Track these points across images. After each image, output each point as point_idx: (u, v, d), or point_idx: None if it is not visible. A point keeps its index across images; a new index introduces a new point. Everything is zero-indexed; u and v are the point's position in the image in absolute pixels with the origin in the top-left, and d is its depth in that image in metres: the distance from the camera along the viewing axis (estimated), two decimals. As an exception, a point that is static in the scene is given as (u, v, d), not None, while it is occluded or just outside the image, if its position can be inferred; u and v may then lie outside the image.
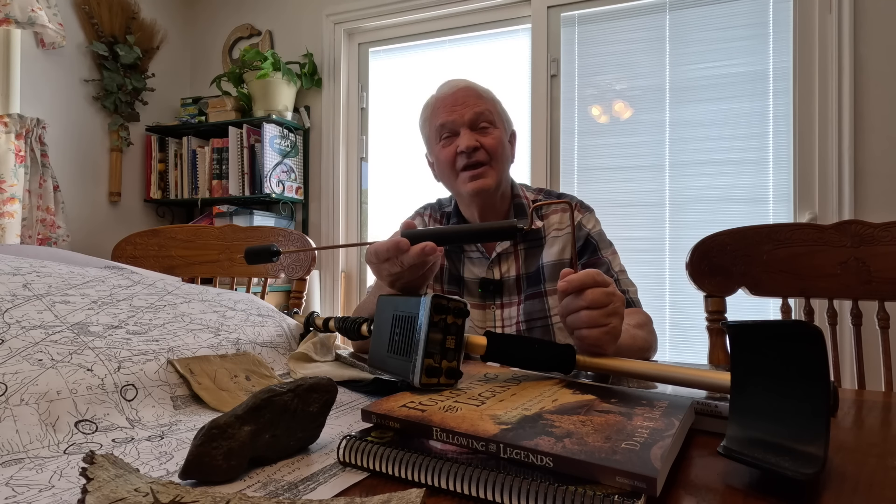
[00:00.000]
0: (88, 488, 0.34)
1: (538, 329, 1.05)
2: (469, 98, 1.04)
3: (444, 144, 1.06)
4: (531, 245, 1.09)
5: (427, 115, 1.11)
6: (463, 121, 1.03)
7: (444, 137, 1.06)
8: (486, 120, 1.04)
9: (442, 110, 1.05)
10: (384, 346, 0.59)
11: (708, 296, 1.07)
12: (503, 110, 1.11)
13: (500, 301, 1.08)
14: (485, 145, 1.03)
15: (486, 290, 1.08)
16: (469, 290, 1.10)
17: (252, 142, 2.62)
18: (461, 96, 1.05)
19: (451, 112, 1.04)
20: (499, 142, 1.04)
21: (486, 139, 1.03)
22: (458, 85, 1.07)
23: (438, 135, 1.07)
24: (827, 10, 1.99)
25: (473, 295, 1.10)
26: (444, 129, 1.05)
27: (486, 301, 1.09)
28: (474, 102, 1.04)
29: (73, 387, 0.51)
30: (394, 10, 2.62)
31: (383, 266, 0.68)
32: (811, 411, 0.39)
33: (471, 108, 1.03)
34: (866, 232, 1.00)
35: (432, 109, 1.09)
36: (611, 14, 2.32)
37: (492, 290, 1.08)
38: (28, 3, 2.20)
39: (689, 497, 0.38)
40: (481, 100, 1.05)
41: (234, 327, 0.75)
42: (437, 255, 0.65)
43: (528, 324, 1.06)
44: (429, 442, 0.43)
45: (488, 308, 1.09)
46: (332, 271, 2.76)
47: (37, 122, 2.33)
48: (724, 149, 2.14)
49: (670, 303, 2.18)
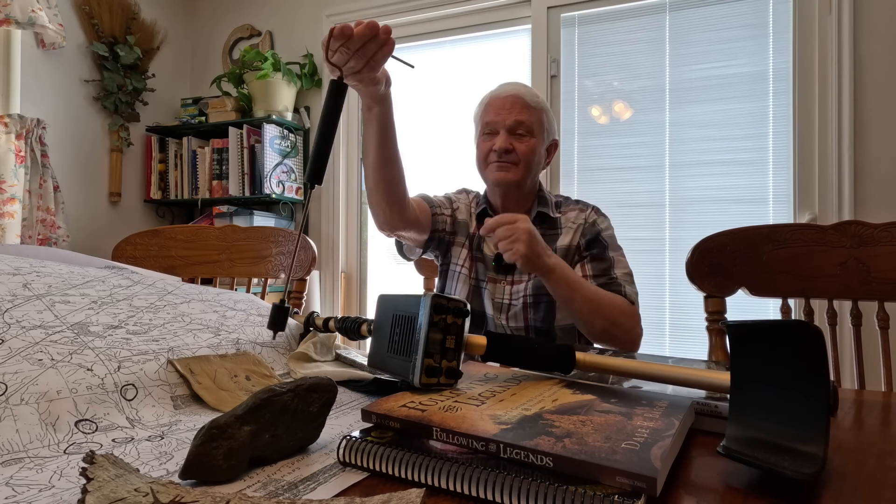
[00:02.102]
0: (88, 488, 0.34)
1: (543, 304, 1.14)
2: (516, 105, 1.16)
3: (484, 139, 1.20)
4: (547, 232, 1.19)
5: (480, 109, 1.23)
6: (504, 124, 1.16)
7: (486, 133, 1.19)
8: (525, 128, 1.16)
9: (491, 109, 1.18)
10: (384, 346, 0.59)
11: (708, 296, 1.07)
12: (549, 120, 1.21)
13: (512, 277, 1.19)
14: (517, 149, 1.15)
15: (500, 265, 1.18)
16: (486, 264, 1.22)
17: (252, 142, 2.63)
18: (510, 102, 1.17)
19: (497, 114, 1.17)
20: (531, 149, 1.16)
21: (520, 145, 1.16)
22: (511, 91, 1.19)
23: (482, 130, 1.20)
24: (827, 11, 1.99)
25: (489, 268, 1.21)
26: (488, 127, 1.18)
27: (499, 275, 1.20)
28: (519, 111, 1.16)
29: (73, 386, 0.51)
30: (394, 11, 2.62)
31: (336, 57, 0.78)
32: (811, 411, 0.39)
33: (514, 115, 1.15)
34: (866, 232, 1.00)
35: (485, 106, 1.21)
36: (611, 15, 2.32)
37: (504, 265, 1.17)
38: (28, 4, 2.20)
39: (689, 497, 0.38)
40: (526, 110, 1.17)
41: (234, 327, 0.75)
42: (384, 36, 0.77)
43: (534, 297, 1.15)
44: (429, 442, 0.43)
45: (499, 282, 1.19)
46: (332, 271, 2.76)
47: (37, 122, 2.33)
48: (724, 149, 2.14)
49: (670, 303, 2.18)
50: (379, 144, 0.98)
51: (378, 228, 1.15)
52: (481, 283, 1.21)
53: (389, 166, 1.02)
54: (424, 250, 1.27)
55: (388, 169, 1.02)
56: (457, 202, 1.29)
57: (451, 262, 1.25)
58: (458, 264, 1.23)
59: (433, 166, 2.60)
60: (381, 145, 0.98)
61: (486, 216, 1.22)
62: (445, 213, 1.25)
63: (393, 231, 1.15)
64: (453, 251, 1.25)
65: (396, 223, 1.11)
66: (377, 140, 0.98)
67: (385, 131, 0.97)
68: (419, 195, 1.25)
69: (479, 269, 1.22)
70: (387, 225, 1.12)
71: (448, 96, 2.62)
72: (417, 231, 1.19)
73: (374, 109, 0.94)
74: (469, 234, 1.24)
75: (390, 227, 1.13)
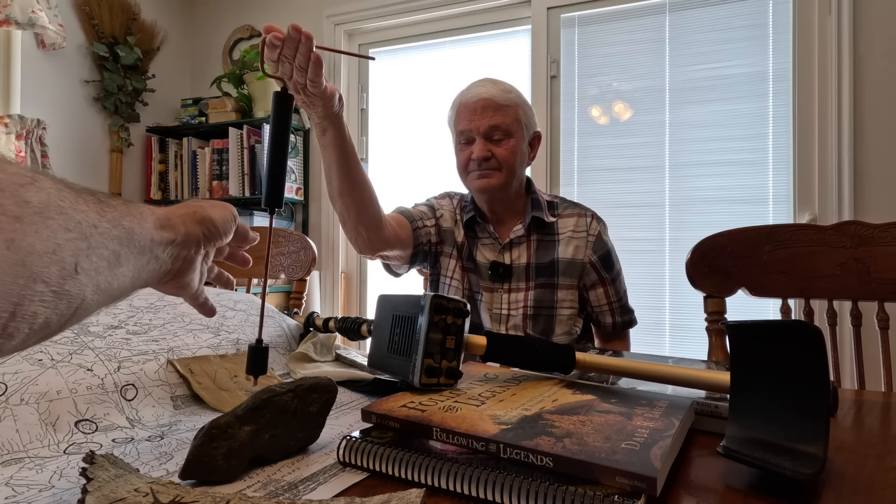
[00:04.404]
0: (88, 488, 0.34)
1: (543, 317, 1.13)
2: (488, 109, 1.11)
3: (461, 148, 1.16)
4: (544, 238, 1.17)
5: (451, 115, 1.19)
6: (479, 131, 1.11)
7: (462, 142, 1.15)
8: (501, 132, 1.11)
9: (463, 117, 1.14)
10: (384, 346, 0.59)
11: (708, 296, 1.07)
12: (526, 114, 1.16)
13: (509, 286, 1.16)
14: (496, 155, 1.11)
15: (496, 273, 1.15)
16: (480, 272, 1.18)
17: (252, 143, 2.63)
18: (481, 106, 1.11)
19: (470, 121, 1.12)
20: (511, 151, 1.12)
21: (499, 149, 1.11)
22: (480, 94, 1.12)
23: (458, 138, 1.16)
24: (826, 12, 1.99)
25: (484, 277, 1.17)
26: (463, 136, 1.14)
27: (495, 283, 1.16)
28: (492, 115, 1.11)
29: (73, 387, 0.51)
30: (394, 12, 2.62)
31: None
32: (811, 411, 0.39)
33: (487, 121, 1.10)
34: (866, 233, 1.00)
35: (456, 112, 1.17)
36: (611, 15, 2.32)
37: (501, 273, 1.14)
38: (29, 5, 2.20)
39: (689, 497, 0.38)
40: (499, 112, 1.11)
41: (234, 327, 0.75)
42: (296, 34, 0.69)
43: (535, 310, 1.13)
44: (429, 442, 0.43)
45: (496, 291, 1.16)
46: (332, 272, 2.76)
47: (37, 122, 2.33)
48: (723, 150, 2.14)
49: (670, 303, 2.17)
50: (340, 169, 0.91)
51: (358, 252, 1.08)
52: (476, 294, 1.17)
53: (358, 190, 0.95)
54: (411, 265, 1.22)
55: (357, 193, 0.95)
56: (440, 209, 1.22)
57: (440, 273, 1.21)
58: (448, 276, 1.19)
59: (433, 167, 2.60)
60: (343, 170, 0.91)
61: (475, 224, 1.19)
62: (428, 224, 1.19)
63: (374, 253, 1.09)
64: (442, 262, 1.20)
65: (376, 244, 1.05)
66: (338, 165, 0.91)
67: (344, 155, 0.90)
68: (396, 210, 1.19)
69: (471, 280, 1.17)
70: (366, 248, 1.05)
71: (448, 97, 2.61)
72: (400, 248, 1.13)
73: (329, 133, 0.86)
74: (456, 243, 1.19)
75: (370, 250, 1.06)
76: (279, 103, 0.56)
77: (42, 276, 0.27)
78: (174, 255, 0.41)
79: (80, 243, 0.30)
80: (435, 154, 2.60)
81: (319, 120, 0.84)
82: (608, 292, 1.17)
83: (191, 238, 0.43)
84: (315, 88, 0.76)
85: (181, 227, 0.41)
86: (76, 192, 0.31)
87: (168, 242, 0.40)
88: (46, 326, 0.29)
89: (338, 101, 0.82)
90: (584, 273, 1.15)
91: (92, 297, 0.31)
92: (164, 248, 0.39)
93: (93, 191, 0.33)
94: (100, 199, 0.33)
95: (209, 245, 0.46)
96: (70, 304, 0.29)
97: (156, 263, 0.39)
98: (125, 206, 0.36)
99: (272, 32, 0.69)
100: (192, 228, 0.43)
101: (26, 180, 0.27)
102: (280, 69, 0.72)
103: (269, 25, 0.69)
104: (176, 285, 0.46)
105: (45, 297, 0.27)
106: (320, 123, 0.85)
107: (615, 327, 1.19)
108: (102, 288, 0.32)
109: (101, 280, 0.32)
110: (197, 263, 0.46)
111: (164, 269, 0.41)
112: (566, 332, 1.14)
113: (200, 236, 0.44)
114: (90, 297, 0.31)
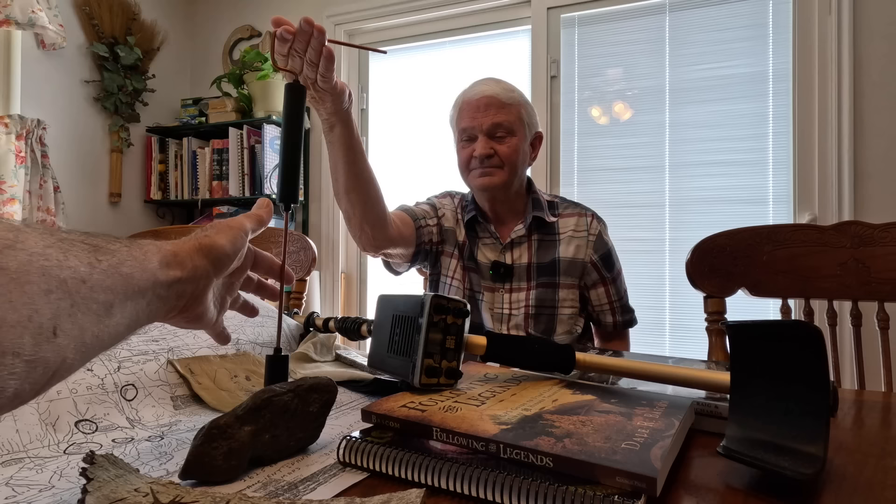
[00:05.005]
0: (88, 488, 0.34)
1: (545, 317, 1.13)
2: (491, 107, 1.11)
3: (463, 146, 1.16)
4: (545, 237, 1.17)
5: (454, 114, 1.19)
6: (482, 129, 1.11)
7: (464, 140, 1.15)
8: (504, 130, 1.11)
9: (465, 114, 1.14)
10: (384, 346, 0.59)
11: (708, 296, 1.07)
12: (528, 113, 1.16)
13: (510, 285, 1.16)
14: (499, 152, 1.11)
15: (497, 272, 1.15)
16: (481, 272, 1.18)
17: (252, 143, 2.63)
18: (484, 104, 1.11)
19: (472, 119, 1.12)
20: (513, 149, 1.12)
21: (501, 147, 1.11)
22: (483, 91, 1.13)
23: (460, 136, 1.16)
24: (826, 12, 1.99)
25: (485, 277, 1.17)
26: (465, 133, 1.14)
27: (496, 283, 1.16)
28: (495, 112, 1.11)
29: (73, 386, 0.51)
30: (394, 12, 2.62)
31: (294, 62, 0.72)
32: (811, 411, 0.39)
33: (490, 118, 1.11)
34: (866, 233, 1.00)
35: (459, 110, 1.17)
36: (611, 15, 2.32)
37: (502, 272, 1.15)
38: (29, 5, 2.20)
39: (689, 497, 0.38)
40: (503, 110, 1.11)
41: (234, 327, 0.75)
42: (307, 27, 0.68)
43: (536, 309, 1.13)
44: (429, 442, 0.43)
45: (497, 291, 1.16)
46: (332, 272, 2.76)
47: (37, 122, 2.33)
48: (723, 150, 2.14)
49: (670, 303, 2.17)
50: (348, 167, 0.91)
51: (361, 250, 1.09)
52: (477, 294, 1.17)
53: (364, 188, 0.95)
54: (412, 264, 1.22)
55: (363, 191, 0.95)
56: (442, 208, 1.22)
57: (440, 272, 1.21)
58: (449, 276, 1.19)
59: (433, 167, 2.60)
60: (350, 167, 0.91)
61: (476, 224, 1.19)
62: (431, 223, 1.19)
63: (377, 251, 1.09)
64: (442, 261, 1.20)
65: (380, 242, 1.05)
66: (345, 162, 0.90)
67: (352, 152, 0.89)
68: (400, 208, 1.19)
69: (472, 280, 1.17)
70: (370, 246, 1.05)
71: (448, 97, 2.61)
72: (403, 247, 1.13)
73: (337, 129, 0.86)
74: (458, 242, 1.20)
75: (374, 248, 1.06)
76: (291, 95, 0.55)
77: (13, 349, 0.25)
78: (180, 293, 0.40)
79: (63, 303, 0.28)
80: (435, 154, 2.60)
81: (328, 116, 0.83)
82: (609, 292, 1.17)
83: (198, 272, 0.40)
84: (326, 84, 0.75)
85: (188, 263, 0.40)
86: (68, 244, 0.29)
87: (174, 281, 0.38)
88: (17, 397, 0.27)
89: (348, 98, 0.82)
90: (585, 272, 1.16)
91: (74, 357, 0.29)
92: (167, 287, 0.37)
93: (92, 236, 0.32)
94: (96, 247, 0.31)
95: (219, 275, 0.43)
96: (46, 370, 0.27)
97: (158, 303, 0.37)
98: (128, 248, 0.34)
99: (283, 26, 0.68)
100: (198, 262, 0.41)
101: (6, 243, 0.26)
102: (290, 63, 0.71)
103: (279, 18, 0.69)
104: (185, 319, 0.44)
105: (16, 369, 0.26)
106: (329, 119, 0.84)
107: (616, 327, 1.19)
108: (88, 343, 0.30)
109: (86, 337, 0.30)
110: (208, 296, 0.44)
111: (169, 307, 0.39)
112: (567, 331, 1.15)
113: (209, 269, 0.42)
114: (71, 356, 0.29)
